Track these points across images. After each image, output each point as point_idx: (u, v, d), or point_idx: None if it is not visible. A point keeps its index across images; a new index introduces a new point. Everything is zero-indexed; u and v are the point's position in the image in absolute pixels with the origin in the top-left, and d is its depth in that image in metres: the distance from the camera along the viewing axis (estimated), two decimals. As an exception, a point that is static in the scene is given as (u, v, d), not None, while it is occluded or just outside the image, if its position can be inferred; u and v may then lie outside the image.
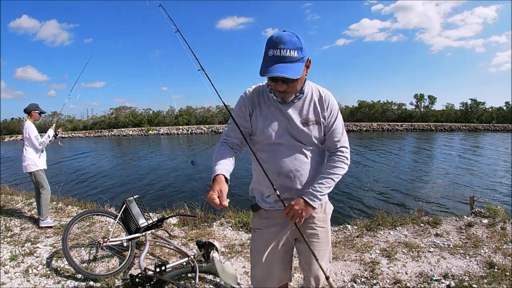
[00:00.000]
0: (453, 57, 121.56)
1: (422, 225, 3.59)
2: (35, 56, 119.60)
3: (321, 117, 1.41)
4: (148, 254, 3.01)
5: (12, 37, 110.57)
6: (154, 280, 2.19)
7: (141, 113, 57.16)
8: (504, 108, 53.38)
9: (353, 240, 3.29)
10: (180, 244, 3.25)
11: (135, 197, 3.08)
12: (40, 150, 3.95)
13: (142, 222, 2.92)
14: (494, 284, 2.36)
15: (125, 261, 2.75)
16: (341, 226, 3.80)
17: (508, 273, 2.48)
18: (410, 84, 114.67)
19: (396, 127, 45.54)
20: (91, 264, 2.85)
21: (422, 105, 55.73)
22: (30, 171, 3.93)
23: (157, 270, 2.24)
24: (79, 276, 2.62)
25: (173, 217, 3.96)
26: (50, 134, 4.07)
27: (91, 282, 2.56)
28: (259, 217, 1.53)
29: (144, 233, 2.90)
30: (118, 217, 2.96)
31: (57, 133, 4.22)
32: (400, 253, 2.94)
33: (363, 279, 2.54)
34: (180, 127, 48.59)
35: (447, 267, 2.66)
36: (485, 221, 3.61)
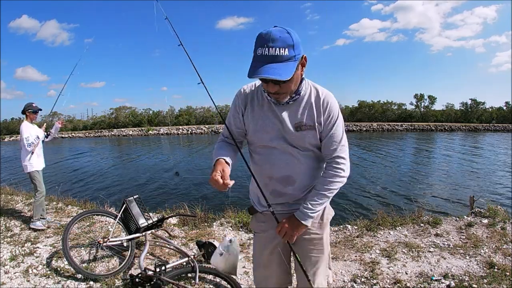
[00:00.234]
0: (453, 57, 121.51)
1: (422, 225, 3.59)
2: (35, 56, 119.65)
3: (317, 122, 1.29)
4: (148, 254, 3.01)
5: (12, 37, 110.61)
6: (154, 280, 2.19)
7: (141, 113, 57.27)
8: (504, 108, 53.48)
9: (353, 240, 3.29)
10: (180, 244, 3.25)
11: (135, 197, 3.08)
12: (30, 152, 3.88)
13: (142, 222, 2.91)
14: (494, 284, 2.37)
15: (125, 261, 2.75)
16: (341, 226, 3.81)
17: (508, 273, 2.48)
18: (410, 84, 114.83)
19: (396, 127, 45.53)
20: (91, 264, 2.86)
21: (422, 105, 55.87)
22: (27, 172, 3.93)
23: (157, 270, 2.24)
24: (79, 276, 2.63)
25: (173, 217, 3.96)
26: (40, 135, 3.99)
27: (91, 282, 2.56)
28: (256, 220, 1.52)
29: (144, 233, 2.90)
30: (118, 217, 2.96)
31: (49, 133, 4.17)
32: (400, 253, 2.94)
33: (363, 279, 2.54)
34: (180, 127, 48.64)
35: (447, 267, 2.66)
36: (485, 221, 3.61)
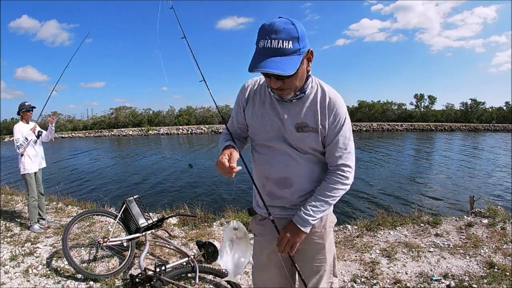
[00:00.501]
0: (453, 57, 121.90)
1: (422, 225, 3.59)
2: (35, 56, 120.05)
3: (320, 125, 1.20)
4: (148, 254, 3.01)
5: (12, 37, 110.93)
6: (154, 280, 2.19)
7: (141, 113, 57.22)
8: (504, 108, 53.50)
9: (353, 240, 3.29)
10: (180, 244, 3.25)
11: (135, 197, 3.08)
12: (20, 154, 3.84)
13: (142, 222, 2.91)
14: (494, 284, 2.36)
15: (125, 261, 2.75)
16: (341, 226, 3.80)
17: (508, 273, 2.48)
18: (410, 84, 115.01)
19: (396, 127, 45.54)
20: (91, 264, 2.86)
21: (422, 105, 55.89)
22: (21, 174, 3.89)
23: (157, 270, 2.24)
24: (79, 276, 2.63)
25: (173, 217, 3.96)
26: (29, 137, 3.89)
27: (91, 282, 2.56)
28: (256, 222, 1.47)
29: (144, 233, 2.89)
30: (118, 217, 2.96)
31: (40, 133, 4.02)
32: (400, 253, 2.94)
33: (363, 279, 2.54)
34: (180, 127, 48.64)
35: (447, 267, 2.66)
36: (485, 221, 3.61)
